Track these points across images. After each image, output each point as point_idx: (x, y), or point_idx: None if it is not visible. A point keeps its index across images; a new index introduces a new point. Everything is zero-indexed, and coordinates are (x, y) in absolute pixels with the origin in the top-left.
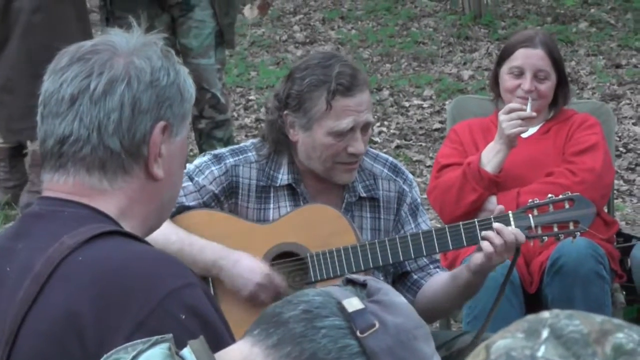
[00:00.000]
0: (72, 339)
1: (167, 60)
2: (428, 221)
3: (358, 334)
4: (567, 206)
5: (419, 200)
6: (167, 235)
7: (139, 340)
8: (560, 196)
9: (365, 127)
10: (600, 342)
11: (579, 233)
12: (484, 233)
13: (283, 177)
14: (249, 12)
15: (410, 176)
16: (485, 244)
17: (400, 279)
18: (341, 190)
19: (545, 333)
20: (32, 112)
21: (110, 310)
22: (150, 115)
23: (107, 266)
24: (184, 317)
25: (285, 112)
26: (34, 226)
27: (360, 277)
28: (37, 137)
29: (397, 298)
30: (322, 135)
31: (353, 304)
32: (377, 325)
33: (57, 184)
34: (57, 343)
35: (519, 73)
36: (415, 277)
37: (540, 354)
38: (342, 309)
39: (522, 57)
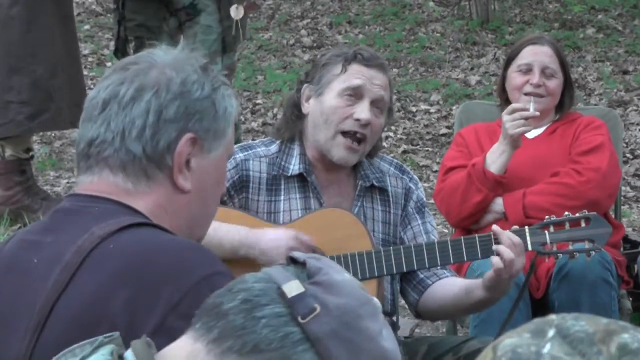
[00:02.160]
0: (103, 325)
1: (204, 75)
2: (433, 222)
3: (299, 319)
4: (583, 224)
5: (424, 199)
6: None
7: (87, 341)
8: (577, 214)
9: (377, 102)
10: (606, 341)
11: (593, 252)
12: (495, 247)
13: (294, 167)
14: (235, 12)
15: (415, 177)
16: (495, 259)
17: (406, 276)
18: (353, 180)
19: (551, 332)
20: (7, 107)
21: (141, 296)
22: (176, 126)
23: (138, 253)
24: None
25: (305, 85)
26: (64, 221)
27: (301, 254)
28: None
29: (339, 276)
30: (331, 97)
31: (293, 288)
32: (319, 308)
33: (85, 184)
34: (87, 329)
35: (527, 70)
36: (421, 275)
37: (545, 350)
38: (282, 294)
39: (530, 54)
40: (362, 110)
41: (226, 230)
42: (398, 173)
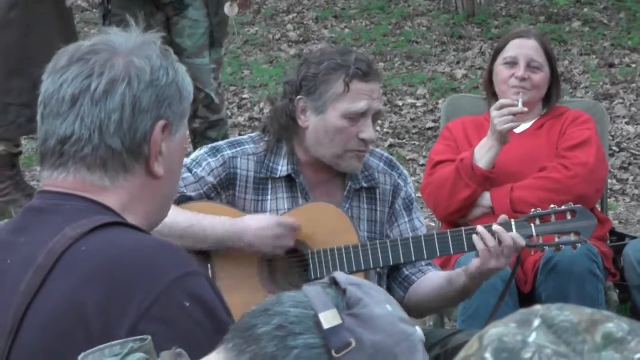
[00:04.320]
0: (77, 328)
1: (166, 60)
2: (422, 218)
3: (333, 353)
4: (569, 217)
5: (413, 196)
6: (173, 216)
7: (117, 342)
8: (563, 207)
9: (376, 115)
10: (590, 331)
11: (579, 244)
12: (480, 230)
13: (282, 168)
14: (229, 10)
15: (405, 172)
16: (480, 246)
17: (392, 274)
18: (341, 180)
19: (536, 322)
20: (7, 110)
21: (114, 299)
22: (150, 115)
23: (110, 255)
24: (188, 304)
25: (299, 97)
26: (36, 220)
27: (343, 279)
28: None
29: (379, 309)
30: (336, 118)
31: (329, 319)
32: (354, 344)
33: (56, 181)
34: (62, 333)
35: (513, 63)
36: (407, 272)
37: (531, 339)
38: (319, 324)
39: (515, 47)
40: (367, 130)
41: (209, 223)
42: (387, 169)
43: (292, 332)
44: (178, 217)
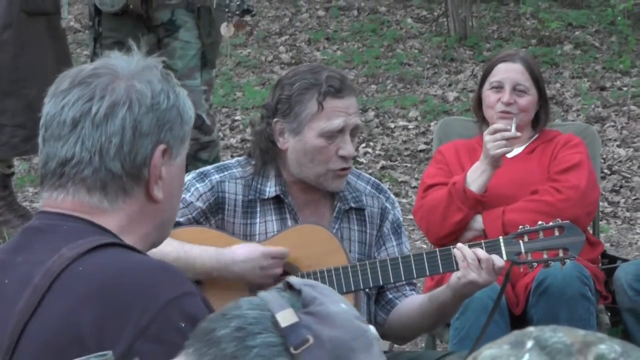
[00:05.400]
0: (72, 348)
1: (167, 84)
2: (408, 244)
3: (292, 350)
4: (557, 233)
5: (401, 220)
6: (162, 246)
7: (82, 359)
8: (551, 223)
9: (354, 130)
10: (583, 352)
11: (568, 260)
12: (458, 245)
13: (271, 189)
14: (226, 30)
15: (393, 196)
16: (458, 255)
17: (376, 297)
18: (330, 200)
19: (529, 344)
20: (1, 130)
21: (110, 319)
22: (151, 139)
23: (106, 275)
24: (183, 325)
25: (275, 119)
26: (34, 240)
27: (297, 281)
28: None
29: (334, 306)
30: (313, 138)
31: (287, 317)
32: (312, 340)
33: (55, 202)
34: (58, 352)
35: (499, 87)
36: (390, 296)
37: None
38: (276, 323)
39: (501, 71)
40: (346, 147)
41: (197, 254)
42: (375, 192)
43: (250, 333)
44: (166, 248)
